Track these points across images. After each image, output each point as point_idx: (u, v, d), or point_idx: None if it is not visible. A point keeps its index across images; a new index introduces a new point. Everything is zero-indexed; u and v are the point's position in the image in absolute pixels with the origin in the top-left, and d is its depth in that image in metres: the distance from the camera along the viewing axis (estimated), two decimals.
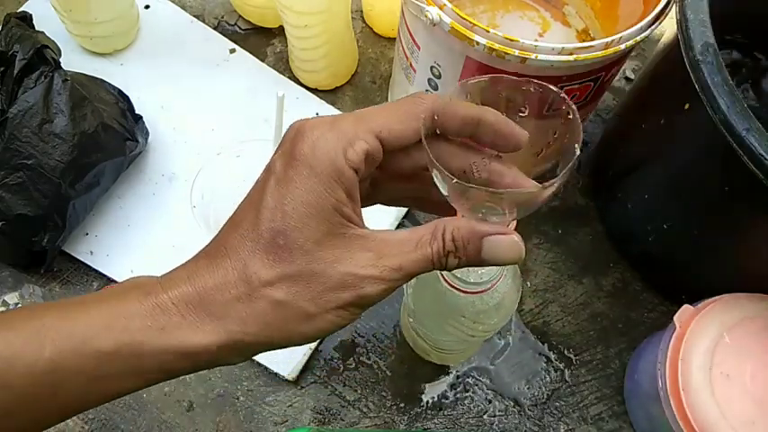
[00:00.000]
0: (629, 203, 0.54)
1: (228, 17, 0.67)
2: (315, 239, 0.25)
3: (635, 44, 0.43)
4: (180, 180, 0.58)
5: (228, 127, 0.60)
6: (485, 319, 0.39)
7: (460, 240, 0.26)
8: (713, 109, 0.37)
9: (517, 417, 0.52)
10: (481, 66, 0.45)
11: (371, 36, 0.68)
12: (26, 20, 0.51)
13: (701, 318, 0.45)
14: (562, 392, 0.53)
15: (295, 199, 0.25)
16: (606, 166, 0.58)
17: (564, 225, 0.59)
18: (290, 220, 0.25)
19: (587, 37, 0.59)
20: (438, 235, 0.26)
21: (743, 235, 0.46)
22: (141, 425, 0.50)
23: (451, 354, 0.50)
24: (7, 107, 0.47)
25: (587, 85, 0.46)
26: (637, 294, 0.57)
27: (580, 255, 0.58)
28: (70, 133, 0.49)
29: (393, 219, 0.57)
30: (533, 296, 0.56)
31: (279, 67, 0.64)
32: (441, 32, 0.44)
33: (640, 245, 0.55)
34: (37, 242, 0.50)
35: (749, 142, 0.36)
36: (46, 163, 0.48)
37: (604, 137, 0.62)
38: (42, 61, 0.49)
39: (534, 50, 0.41)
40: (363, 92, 0.64)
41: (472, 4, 0.59)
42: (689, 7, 0.40)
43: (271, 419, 0.51)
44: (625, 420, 0.52)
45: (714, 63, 0.38)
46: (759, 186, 0.36)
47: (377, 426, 0.51)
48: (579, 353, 0.54)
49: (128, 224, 0.56)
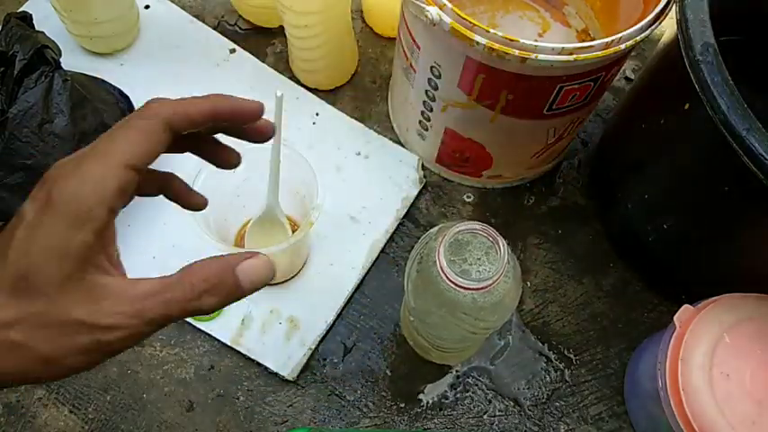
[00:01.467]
0: (629, 203, 0.54)
1: (228, 17, 0.67)
2: (56, 283, 0.25)
3: (635, 44, 0.43)
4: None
5: None
6: (486, 315, 0.39)
7: (213, 278, 0.27)
8: (713, 109, 0.38)
9: (517, 417, 0.52)
10: (481, 66, 0.45)
11: (371, 36, 0.68)
12: (26, 20, 0.51)
13: (701, 318, 0.45)
14: (562, 392, 0.53)
15: (39, 242, 0.25)
16: (606, 166, 0.58)
17: (564, 225, 0.59)
18: (32, 263, 0.25)
19: (587, 37, 0.59)
20: (185, 281, 0.27)
21: (743, 235, 0.46)
22: (141, 425, 0.50)
23: (451, 353, 0.50)
24: (7, 107, 0.47)
25: (587, 85, 0.46)
26: (637, 294, 0.57)
27: (580, 255, 0.58)
28: (70, 133, 0.49)
29: (393, 219, 0.57)
30: (533, 296, 0.56)
31: (279, 67, 0.64)
32: (441, 32, 0.44)
33: (640, 245, 0.55)
34: None
35: (749, 142, 0.36)
36: (46, 163, 0.48)
37: (604, 137, 0.62)
38: (42, 61, 0.49)
39: (534, 50, 0.41)
40: (363, 92, 0.64)
41: (472, 4, 0.59)
42: (689, 7, 0.40)
43: (271, 419, 0.51)
44: (625, 420, 0.52)
45: (714, 63, 0.38)
46: (759, 186, 0.36)
47: (377, 426, 0.51)
48: (579, 353, 0.54)
49: (128, 224, 0.56)
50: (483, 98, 0.48)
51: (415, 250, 0.42)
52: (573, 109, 0.49)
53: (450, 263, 0.35)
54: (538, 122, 0.51)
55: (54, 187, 0.26)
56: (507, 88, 0.46)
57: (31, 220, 0.26)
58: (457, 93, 0.49)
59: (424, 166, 0.61)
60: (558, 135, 0.54)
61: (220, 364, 0.52)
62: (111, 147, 0.27)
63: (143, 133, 0.27)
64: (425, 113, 0.55)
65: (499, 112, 0.49)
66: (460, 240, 0.38)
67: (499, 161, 0.56)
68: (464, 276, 0.35)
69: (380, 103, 0.64)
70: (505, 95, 0.47)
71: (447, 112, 0.52)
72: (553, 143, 0.55)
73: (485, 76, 0.46)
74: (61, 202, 0.25)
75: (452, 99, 0.50)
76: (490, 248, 0.38)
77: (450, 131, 0.54)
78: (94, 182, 0.26)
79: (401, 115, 0.60)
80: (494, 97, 0.48)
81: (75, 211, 0.25)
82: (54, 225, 0.25)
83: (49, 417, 0.49)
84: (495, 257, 0.37)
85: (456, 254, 0.38)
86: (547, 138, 0.53)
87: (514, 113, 0.49)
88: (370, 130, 0.62)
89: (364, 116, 0.63)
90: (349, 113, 0.62)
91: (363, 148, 0.61)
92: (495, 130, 0.52)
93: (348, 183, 0.59)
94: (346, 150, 0.60)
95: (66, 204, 0.25)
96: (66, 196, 0.25)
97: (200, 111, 0.29)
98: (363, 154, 0.60)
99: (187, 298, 0.26)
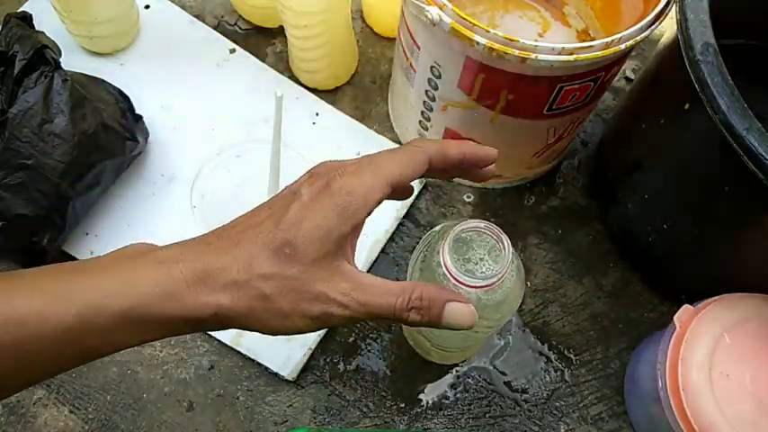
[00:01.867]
0: (629, 203, 0.54)
1: (228, 17, 0.67)
2: (312, 258, 0.31)
3: (635, 44, 0.43)
4: (180, 180, 0.58)
5: (228, 127, 0.60)
6: (489, 314, 0.39)
7: (427, 301, 0.32)
8: (713, 109, 0.38)
9: (517, 417, 0.52)
10: (481, 66, 0.45)
11: (371, 36, 0.68)
12: (26, 20, 0.51)
13: (701, 318, 0.45)
14: (562, 392, 0.53)
15: (312, 222, 0.31)
16: (606, 166, 0.58)
17: (564, 225, 0.59)
18: (301, 237, 0.30)
19: (587, 37, 0.59)
20: (407, 293, 0.32)
21: (743, 235, 0.46)
22: (141, 425, 0.50)
23: (453, 352, 0.50)
24: (7, 107, 0.47)
25: (587, 85, 0.46)
26: (637, 294, 0.57)
27: (580, 255, 0.58)
28: (70, 133, 0.49)
29: (393, 219, 0.57)
30: (533, 296, 0.56)
31: (279, 67, 0.64)
32: (441, 32, 0.44)
33: (640, 245, 0.55)
34: (37, 242, 0.50)
35: (749, 142, 0.36)
36: (46, 163, 0.48)
37: (604, 137, 0.62)
38: (42, 61, 0.49)
39: (534, 50, 0.41)
40: (363, 92, 0.64)
41: (472, 4, 0.59)
42: (689, 7, 0.40)
43: (271, 419, 0.51)
44: (625, 420, 0.52)
45: (714, 63, 0.38)
46: (759, 186, 0.36)
47: (377, 426, 0.51)
48: (579, 353, 0.54)
49: (128, 224, 0.56)
50: (483, 98, 0.48)
51: (417, 250, 0.42)
52: (573, 109, 0.49)
53: (454, 261, 0.35)
54: (538, 122, 0.51)
55: (333, 181, 0.31)
56: (507, 88, 0.46)
57: (306, 201, 0.31)
58: (457, 93, 0.49)
59: None
60: (558, 135, 0.54)
61: (220, 364, 0.52)
62: (385, 165, 0.33)
63: (411, 162, 0.33)
64: (425, 113, 0.55)
65: (499, 112, 0.49)
66: (464, 238, 0.38)
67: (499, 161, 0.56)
68: (469, 275, 0.35)
69: (380, 103, 0.64)
70: (505, 95, 0.47)
71: (447, 112, 0.52)
72: (553, 143, 0.55)
73: (485, 76, 0.46)
74: (338, 195, 0.31)
75: (452, 99, 0.50)
76: (494, 246, 0.38)
77: (451, 131, 0.54)
78: (366, 189, 0.32)
79: (401, 115, 0.60)
80: (494, 97, 0.48)
81: (346, 206, 0.31)
82: (326, 211, 0.31)
83: (49, 417, 0.49)
84: (499, 255, 0.37)
85: (459, 252, 0.38)
86: (547, 138, 0.53)
87: (514, 113, 0.49)
88: (370, 130, 0.62)
89: (364, 116, 0.63)
90: (349, 113, 0.62)
91: (363, 148, 0.61)
92: (495, 130, 0.52)
93: None
94: (346, 150, 0.60)
95: (342, 198, 0.31)
96: (343, 192, 0.31)
97: (456, 154, 0.35)
98: (363, 154, 0.60)
99: (401, 306, 0.32)
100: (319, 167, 0.33)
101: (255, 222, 0.32)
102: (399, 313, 0.32)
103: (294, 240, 0.30)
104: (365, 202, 0.31)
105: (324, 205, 0.31)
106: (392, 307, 0.32)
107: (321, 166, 0.34)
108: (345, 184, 0.31)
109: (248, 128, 0.60)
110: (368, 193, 0.31)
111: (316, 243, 0.30)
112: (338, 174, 0.32)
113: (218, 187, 0.50)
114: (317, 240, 0.30)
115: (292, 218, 0.31)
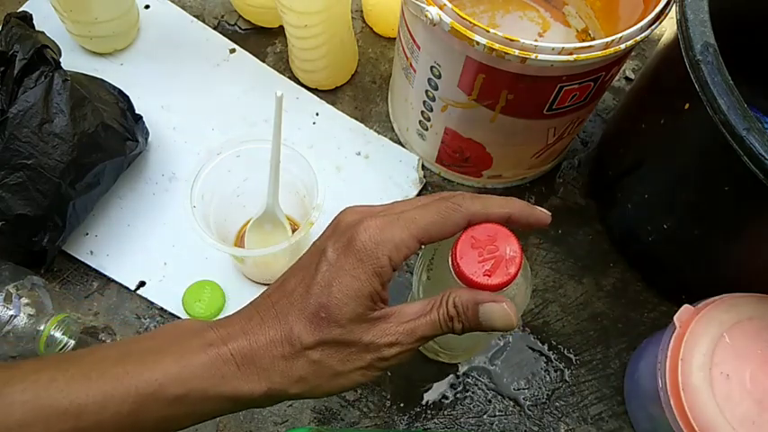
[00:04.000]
0: (629, 203, 0.54)
1: (228, 17, 0.67)
2: (350, 317, 0.30)
3: (635, 44, 0.43)
4: (180, 180, 0.58)
5: (228, 127, 0.60)
6: None
7: (461, 307, 0.31)
8: (713, 109, 0.38)
9: (517, 417, 0.52)
10: (481, 66, 0.45)
11: (371, 36, 0.68)
12: (26, 20, 0.51)
13: (701, 318, 0.45)
14: (562, 392, 0.53)
15: (342, 283, 0.30)
16: (606, 166, 0.58)
17: (564, 225, 0.59)
18: (334, 299, 0.30)
19: (587, 37, 0.59)
20: (443, 303, 0.31)
21: (743, 235, 0.46)
22: None
23: (459, 352, 0.50)
24: (7, 107, 0.47)
25: (587, 85, 0.46)
26: (637, 294, 0.57)
27: (580, 255, 0.58)
28: (70, 133, 0.49)
29: None
30: (533, 296, 0.56)
31: (279, 67, 0.64)
32: (441, 32, 0.44)
33: (640, 245, 0.55)
34: (37, 242, 0.50)
35: (749, 142, 0.36)
36: (46, 163, 0.48)
37: (604, 137, 0.62)
38: (42, 61, 0.49)
39: (534, 50, 0.41)
40: (363, 92, 0.64)
41: (472, 4, 0.59)
42: (689, 7, 0.40)
43: (271, 419, 0.51)
44: (625, 420, 0.52)
45: (714, 63, 0.38)
46: (759, 186, 0.36)
47: (377, 426, 0.51)
48: (579, 353, 0.54)
49: (128, 224, 0.56)
50: (483, 98, 0.48)
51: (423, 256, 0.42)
52: (573, 109, 0.49)
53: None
54: (538, 122, 0.51)
55: (357, 237, 0.31)
56: (507, 88, 0.46)
57: (334, 262, 0.31)
58: (457, 93, 0.49)
59: (424, 166, 0.61)
60: (558, 135, 0.54)
61: None
62: (417, 222, 0.31)
63: (445, 220, 0.31)
64: (425, 113, 0.55)
65: (499, 112, 0.49)
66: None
67: (499, 161, 0.56)
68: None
69: (380, 103, 0.64)
70: (505, 95, 0.47)
71: (447, 112, 0.52)
72: (553, 143, 0.55)
73: (485, 76, 0.46)
74: (364, 253, 0.30)
75: (452, 99, 0.50)
76: None
77: (451, 131, 0.54)
78: (394, 245, 0.30)
79: (401, 115, 0.60)
80: (494, 97, 0.48)
81: (374, 265, 0.30)
82: (353, 270, 0.30)
83: None
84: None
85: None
86: (547, 138, 0.53)
87: (514, 113, 0.49)
88: (370, 130, 0.62)
89: (364, 116, 0.63)
90: (349, 113, 0.62)
91: (363, 148, 0.61)
92: (495, 130, 0.52)
93: (348, 183, 0.59)
94: (346, 150, 0.60)
95: (368, 257, 0.30)
96: (369, 251, 0.30)
97: (498, 215, 0.32)
98: (363, 154, 0.60)
99: (445, 319, 0.31)
100: (344, 215, 0.33)
101: (288, 290, 0.32)
102: (446, 326, 0.31)
103: (327, 303, 0.30)
104: (391, 262, 0.31)
105: (351, 265, 0.30)
106: (437, 324, 0.31)
107: (346, 213, 0.33)
108: (370, 239, 0.31)
109: (248, 128, 0.60)
110: (394, 252, 0.31)
111: (350, 303, 0.30)
112: (363, 228, 0.31)
113: (218, 187, 0.49)
114: (351, 300, 0.30)
115: (321, 281, 0.31)
